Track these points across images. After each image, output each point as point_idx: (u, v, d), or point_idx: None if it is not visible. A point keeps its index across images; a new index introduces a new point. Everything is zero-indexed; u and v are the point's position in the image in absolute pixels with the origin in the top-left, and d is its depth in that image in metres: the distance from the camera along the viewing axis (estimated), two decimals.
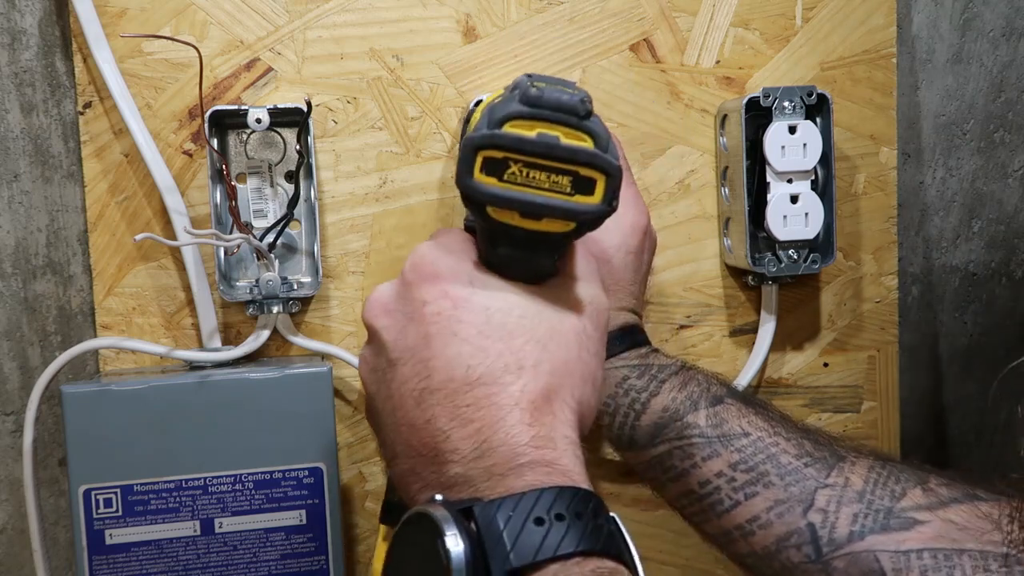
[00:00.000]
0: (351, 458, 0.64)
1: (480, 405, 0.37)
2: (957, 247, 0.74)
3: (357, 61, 0.62)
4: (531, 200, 0.37)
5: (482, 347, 0.38)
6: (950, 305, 0.74)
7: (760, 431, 0.51)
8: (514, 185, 0.37)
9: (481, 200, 0.38)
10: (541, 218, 0.38)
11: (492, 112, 0.37)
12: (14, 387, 0.62)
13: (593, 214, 0.38)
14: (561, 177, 0.37)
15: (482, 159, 0.37)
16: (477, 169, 0.37)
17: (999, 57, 0.72)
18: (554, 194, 0.37)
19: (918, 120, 0.72)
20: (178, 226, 0.59)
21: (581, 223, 0.38)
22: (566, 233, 0.39)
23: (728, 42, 0.65)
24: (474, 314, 0.39)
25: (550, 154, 0.37)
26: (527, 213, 0.38)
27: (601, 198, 0.38)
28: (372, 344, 0.43)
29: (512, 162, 0.37)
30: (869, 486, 0.49)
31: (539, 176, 0.37)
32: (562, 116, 0.37)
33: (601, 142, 0.37)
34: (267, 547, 0.56)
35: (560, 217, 0.38)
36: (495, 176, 0.37)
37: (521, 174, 0.37)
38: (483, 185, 0.37)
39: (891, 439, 0.69)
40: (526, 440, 0.37)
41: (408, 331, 0.40)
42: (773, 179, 0.61)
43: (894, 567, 0.46)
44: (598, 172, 0.37)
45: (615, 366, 0.55)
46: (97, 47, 0.58)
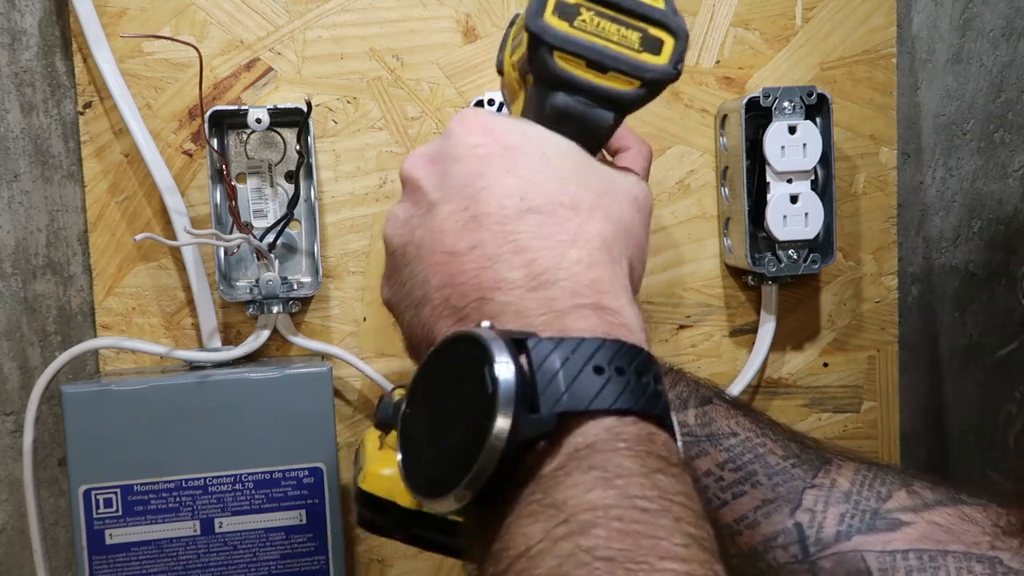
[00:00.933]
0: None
1: (535, 234, 0.34)
2: (957, 247, 0.74)
3: (357, 61, 0.62)
4: (600, 49, 0.36)
5: (537, 183, 0.35)
6: (950, 305, 0.74)
7: (748, 431, 0.51)
8: (584, 32, 0.36)
9: (551, 42, 0.36)
10: (607, 71, 0.37)
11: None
12: (14, 387, 0.62)
13: (658, 73, 0.37)
14: (630, 32, 0.36)
15: (555, 1, 0.36)
16: (549, 10, 0.36)
17: (999, 57, 0.72)
18: (623, 48, 0.36)
19: (918, 120, 0.72)
20: (178, 226, 0.59)
21: (646, 82, 0.37)
22: (628, 93, 0.37)
23: (728, 42, 0.65)
24: (529, 156, 0.36)
25: (622, 5, 0.36)
26: (594, 63, 0.36)
27: (668, 59, 0.37)
28: (408, 197, 0.39)
29: (584, 8, 0.36)
30: (855, 487, 0.49)
31: (609, 27, 0.36)
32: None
33: (671, 3, 0.37)
34: (267, 547, 0.56)
35: (626, 72, 0.37)
36: (566, 20, 0.36)
37: (591, 22, 0.36)
38: (554, 27, 0.36)
39: (891, 439, 0.69)
40: (586, 281, 0.34)
41: (454, 171, 0.37)
42: (773, 179, 0.61)
43: (880, 567, 0.46)
44: (667, 32, 0.37)
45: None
46: (97, 47, 0.58)
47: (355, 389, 0.64)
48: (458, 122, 0.38)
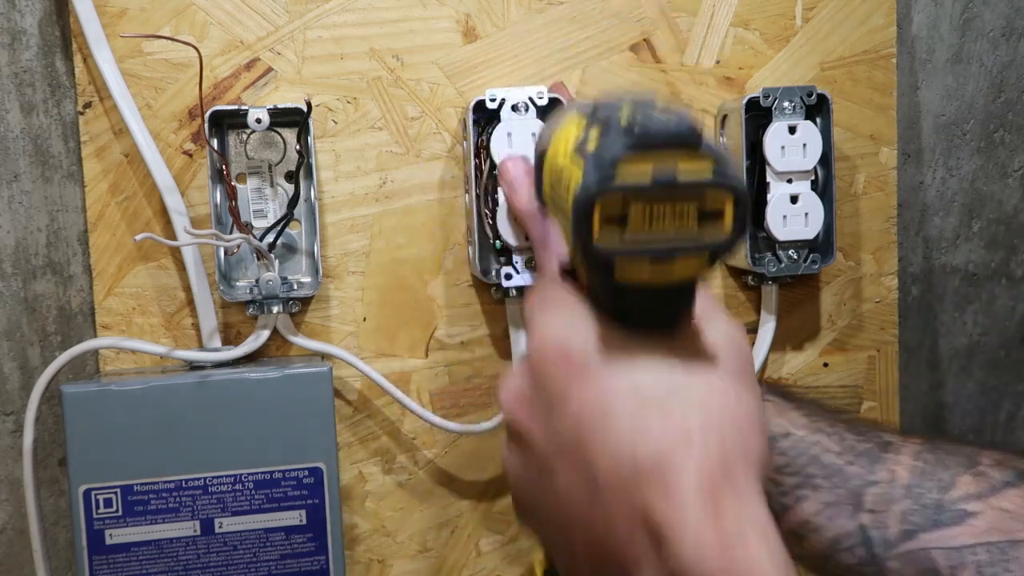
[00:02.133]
0: (351, 458, 0.64)
1: (655, 499, 0.33)
2: (957, 247, 0.74)
3: (357, 61, 0.62)
4: (659, 244, 0.34)
5: (641, 429, 0.34)
6: (950, 305, 0.74)
7: (801, 429, 0.49)
8: (639, 231, 0.34)
9: (609, 257, 0.34)
10: (674, 259, 0.34)
11: (598, 159, 0.34)
12: (14, 387, 0.62)
13: (725, 242, 0.34)
14: (687, 207, 0.34)
15: (599, 212, 0.33)
16: (597, 226, 0.33)
17: (999, 57, 0.72)
18: (682, 231, 0.34)
19: (918, 120, 0.72)
20: (178, 226, 0.59)
21: (714, 252, 0.35)
22: (700, 271, 0.36)
23: (728, 42, 0.65)
24: (622, 394, 0.35)
25: (669, 190, 0.33)
26: (658, 258, 0.34)
27: (732, 223, 0.34)
28: (517, 445, 0.39)
29: (632, 205, 0.33)
30: (916, 478, 0.47)
31: (663, 212, 0.34)
32: (676, 141, 0.33)
33: (721, 163, 0.34)
34: (267, 547, 0.56)
35: (693, 253, 0.34)
36: (617, 229, 0.34)
37: (643, 217, 0.34)
38: (606, 244, 0.34)
39: None
40: (712, 542, 0.32)
41: (555, 425, 0.36)
42: (773, 179, 0.61)
43: (949, 564, 0.44)
44: (725, 194, 0.34)
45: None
46: (97, 47, 0.58)
47: (355, 389, 0.64)
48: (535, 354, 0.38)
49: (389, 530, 0.65)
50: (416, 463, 0.65)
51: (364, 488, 0.64)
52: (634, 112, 0.34)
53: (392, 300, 0.63)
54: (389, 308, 0.63)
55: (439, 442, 0.65)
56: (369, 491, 0.64)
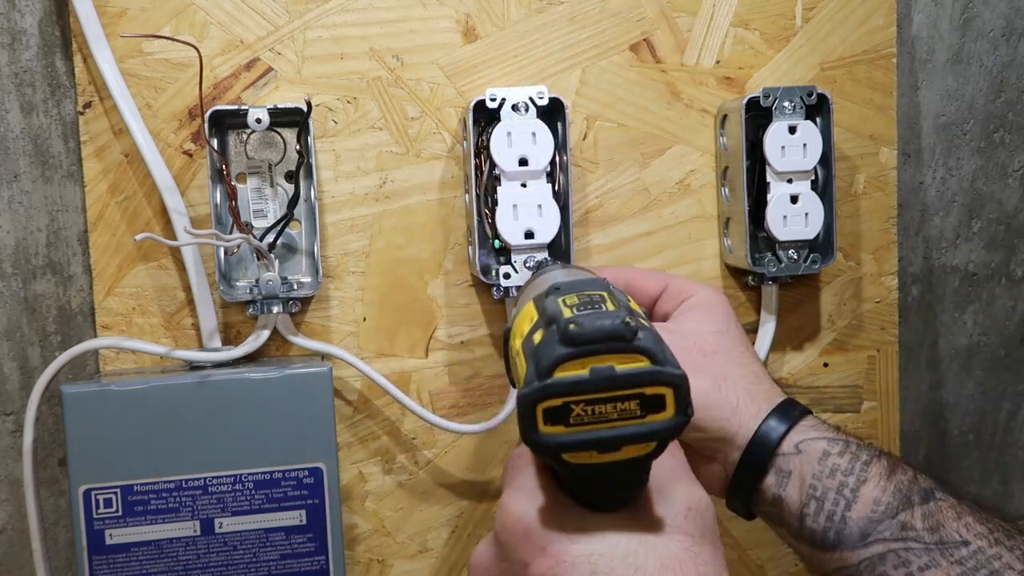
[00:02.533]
0: (351, 458, 0.64)
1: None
2: (957, 247, 0.74)
3: (357, 61, 0.62)
4: (605, 436, 0.36)
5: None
6: (950, 305, 0.74)
7: (980, 539, 0.46)
8: (583, 426, 0.36)
9: (554, 451, 0.36)
10: (620, 448, 0.36)
11: (537, 360, 0.36)
12: (14, 387, 0.62)
13: (670, 429, 0.36)
14: (628, 402, 0.36)
15: (542, 411, 0.36)
16: (540, 423, 0.36)
17: (999, 57, 0.72)
18: (626, 422, 0.36)
19: (918, 120, 0.72)
20: (178, 226, 0.59)
21: (661, 440, 0.37)
22: (648, 454, 0.37)
23: (728, 42, 0.65)
24: (578, 568, 0.37)
25: (610, 387, 0.35)
26: (604, 448, 0.36)
27: (674, 410, 0.36)
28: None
29: (574, 405, 0.35)
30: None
31: (605, 409, 0.36)
32: (609, 345, 0.35)
33: (656, 356, 0.36)
34: (267, 547, 0.56)
35: (638, 442, 0.36)
36: (561, 423, 0.36)
37: (587, 413, 0.36)
38: (551, 436, 0.36)
39: (891, 439, 0.69)
40: None
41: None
42: (773, 179, 0.61)
43: None
44: (663, 387, 0.36)
45: (809, 437, 0.50)
46: (97, 47, 0.58)
47: (355, 389, 0.64)
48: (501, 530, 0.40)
49: (389, 530, 0.65)
50: (416, 463, 0.65)
51: (364, 488, 0.64)
52: (575, 313, 0.37)
53: (392, 300, 0.63)
54: (389, 308, 0.63)
55: (439, 442, 0.65)
56: (369, 491, 0.64)
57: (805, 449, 0.49)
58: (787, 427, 0.49)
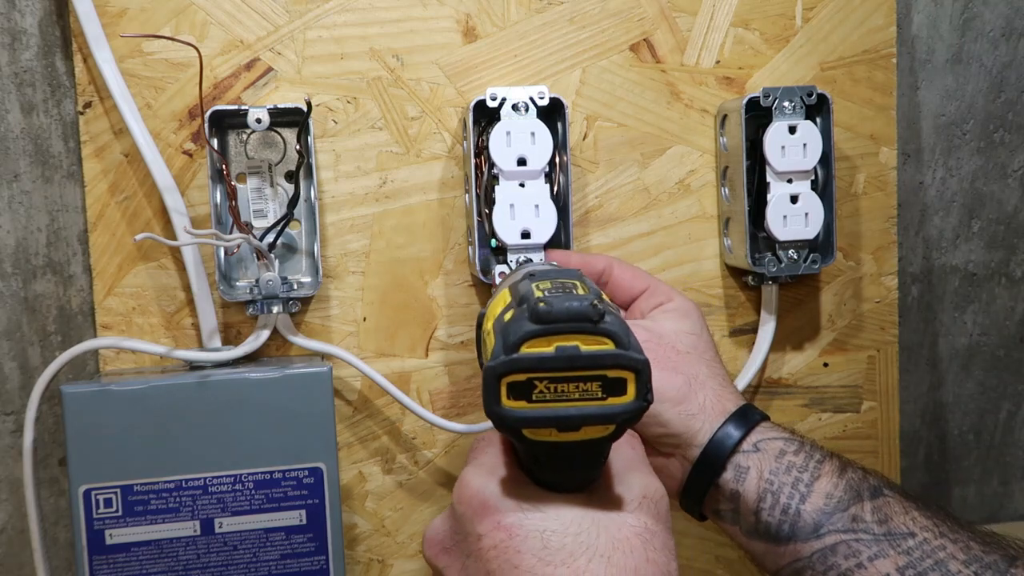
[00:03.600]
0: (351, 458, 0.64)
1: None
2: (957, 247, 0.74)
3: (357, 61, 0.62)
4: (565, 414, 0.37)
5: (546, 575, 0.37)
6: (950, 305, 0.74)
7: (925, 531, 0.48)
8: (544, 403, 0.37)
9: (514, 425, 0.37)
10: (579, 428, 0.37)
11: (505, 336, 0.37)
12: (14, 387, 0.62)
13: (630, 412, 0.37)
14: (590, 384, 0.37)
15: (506, 385, 0.37)
16: (504, 396, 0.37)
17: (999, 57, 0.72)
18: (587, 402, 0.37)
19: (918, 120, 0.72)
20: (178, 226, 0.59)
21: (620, 423, 0.38)
22: (607, 436, 0.38)
23: (728, 42, 0.65)
24: (531, 541, 0.38)
25: (573, 365, 0.36)
26: (564, 427, 0.37)
27: (635, 394, 0.37)
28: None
29: (537, 381, 0.37)
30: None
31: (568, 388, 0.37)
32: (576, 325, 0.37)
33: (621, 340, 0.37)
34: (267, 547, 0.56)
35: (598, 423, 0.37)
36: (524, 398, 0.37)
37: (549, 390, 0.37)
38: (513, 410, 0.37)
39: (890, 439, 0.69)
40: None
41: (470, 569, 0.39)
42: (773, 179, 0.61)
43: None
44: (626, 371, 0.37)
45: (767, 436, 0.52)
46: (97, 47, 0.58)
47: (355, 389, 0.64)
48: (457, 501, 0.41)
49: (389, 530, 0.65)
50: (416, 463, 0.65)
51: (364, 488, 0.64)
52: (550, 291, 0.38)
53: (392, 300, 0.63)
54: (389, 308, 0.63)
55: (439, 442, 0.65)
56: (369, 491, 0.64)
57: (763, 448, 0.51)
58: (747, 429, 0.52)
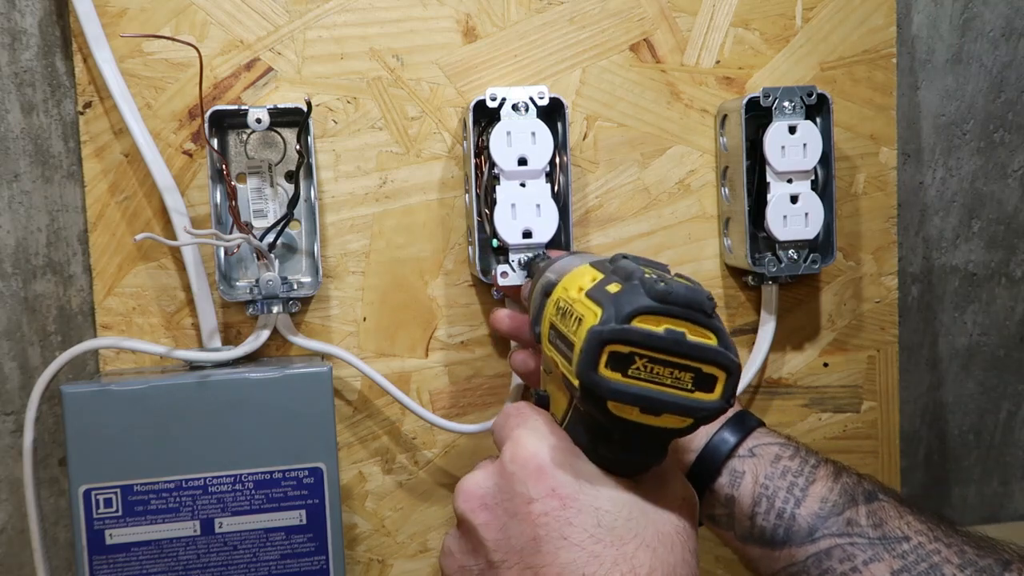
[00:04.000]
0: (351, 458, 0.64)
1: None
2: (957, 247, 0.74)
3: (357, 61, 0.62)
4: (654, 396, 0.37)
5: (596, 553, 0.37)
6: (950, 305, 0.74)
7: (920, 535, 0.48)
8: (638, 380, 0.37)
9: (605, 395, 0.37)
10: (661, 414, 0.37)
11: (618, 304, 0.37)
12: (14, 387, 0.62)
13: (712, 410, 0.37)
14: (684, 373, 0.37)
15: (608, 353, 0.36)
16: (602, 364, 0.36)
17: (999, 57, 0.72)
18: (676, 390, 0.37)
19: (918, 120, 0.72)
20: (178, 226, 0.59)
21: (699, 419, 0.38)
22: (681, 429, 0.38)
23: (728, 42, 0.65)
24: (584, 515, 0.38)
25: (677, 351, 0.36)
26: (648, 409, 0.37)
27: (720, 394, 0.37)
28: (465, 539, 0.42)
29: (638, 357, 0.36)
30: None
31: (663, 372, 0.37)
32: (691, 313, 0.37)
33: (724, 339, 0.37)
34: (267, 547, 0.56)
35: (679, 413, 0.37)
36: (619, 371, 0.36)
37: (645, 369, 0.37)
38: (607, 380, 0.36)
39: (890, 439, 0.69)
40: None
41: (511, 530, 0.39)
42: (773, 179, 0.61)
43: None
44: (720, 369, 0.37)
45: (763, 442, 0.52)
46: (97, 47, 0.58)
47: (355, 389, 0.64)
48: (510, 461, 0.40)
49: (389, 530, 0.65)
50: (416, 463, 0.65)
51: (364, 488, 0.64)
52: (658, 275, 0.38)
53: (392, 300, 0.63)
54: (389, 308, 0.63)
55: (439, 442, 0.65)
56: (369, 491, 0.64)
57: (759, 453, 0.51)
58: (743, 434, 0.52)
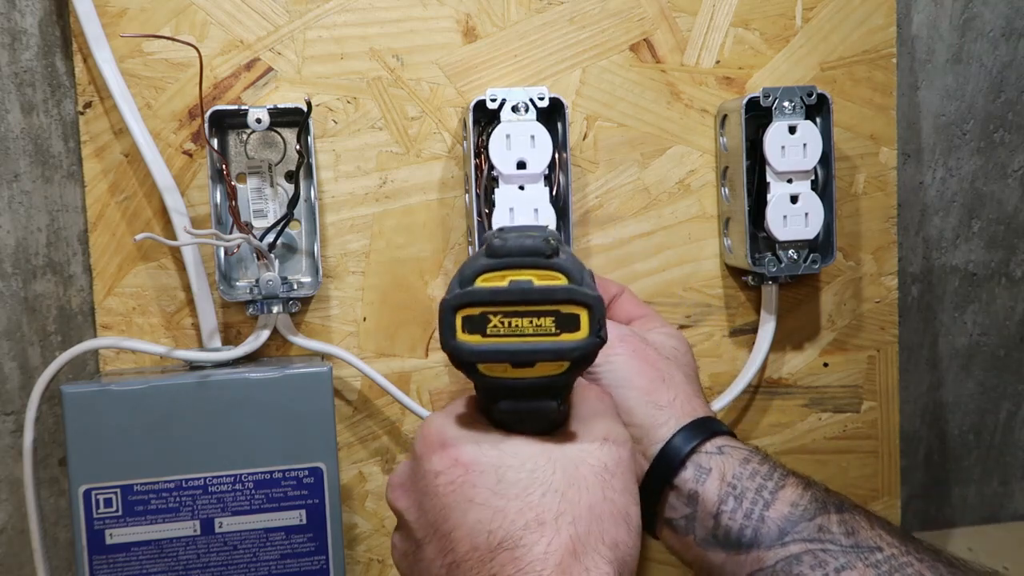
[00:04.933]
0: (351, 458, 0.64)
1: (506, 573, 0.37)
2: (957, 247, 0.74)
3: (357, 61, 0.62)
4: (518, 348, 0.37)
5: (499, 508, 0.38)
6: (950, 305, 0.74)
7: (892, 547, 0.47)
8: (498, 337, 0.37)
9: (469, 359, 0.38)
10: (534, 364, 0.38)
11: (462, 271, 0.38)
12: (14, 387, 0.62)
13: (584, 348, 0.38)
14: (544, 319, 0.37)
15: (461, 319, 0.37)
16: (459, 330, 0.37)
17: (999, 57, 0.72)
18: (540, 337, 0.37)
19: (918, 120, 0.72)
20: (178, 226, 0.59)
21: (574, 360, 0.38)
22: (562, 373, 0.39)
23: (728, 42, 0.65)
24: (486, 475, 0.39)
25: (526, 299, 0.37)
26: (518, 362, 0.38)
27: (588, 331, 0.38)
28: (399, 528, 0.43)
29: (491, 315, 0.37)
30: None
31: (522, 323, 0.37)
32: (529, 260, 0.37)
33: (574, 276, 0.37)
34: (267, 547, 0.56)
35: (552, 359, 0.38)
36: (478, 332, 0.37)
37: (503, 325, 0.37)
38: (467, 344, 0.37)
39: (890, 439, 0.69)
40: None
41: (425, 505, 0.40)
42: (773, 179, 0.61)
43: None
44: (579, 306, 0.37)
45: (732, 444, 0.51)
46: (97, 47, 0.58)
47: (355, 389, 0.64)
48: (418, 442, 0.42)
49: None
50: None
51: (364, 488, 0.64)
52: (500, 234, 0.39)
53: (392, 300, 0.63)
54: (389, 308, 0.63)
55: None
56: (369, 491, 0.64)
57: (727, 451, 0.50)
58: (711, 434, 0.51)
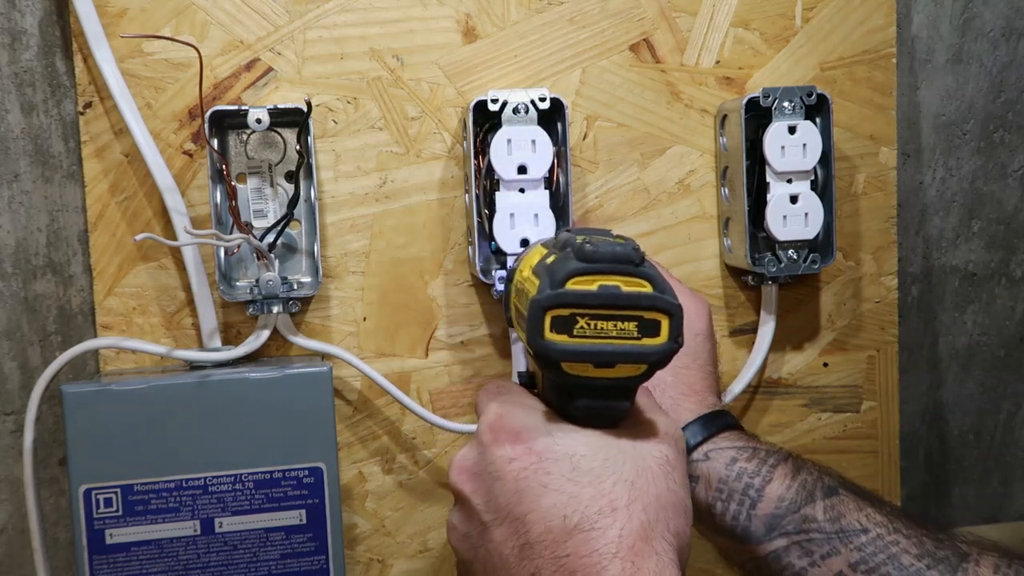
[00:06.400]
0: (351, 458, 0.64)
1: (580, 553, 0.38)
2: (957, 247, 0.74)
3: (357, 61, 0.62)
4: (603, 350, 0.39)
5: (574, 494, 0.39)
6: (950, 305, 0.74)
7: (879, 527, 0.49)
8: (584, 338, 0.39)
9: (555, 357, 0.39)
10: (614, 365, 0.40)
11: (552, 273, 0.39)
12: (14, 387, 0.63)
13: (662, 353, 0.40)
14: (627, 323, 0.39)
15: (551, 318, 0.39)
16: (547, 329, 0.39)
17: (999, 57, 0.72)
18: (623, 340, 0.39)
19: (918, 120, 0.72)
20: (178, 226, 0.59)
21: (652, 364, 0.40)
22: (639, 376, 0.40)
23: (728, 42, 0.65)
24: (560, 463, 0.40)
25: (614, 303, 0.39)
26: (600, 363, 0.39)
27: (667, 337, 0.39)
28: (461, 510, 0.44)
29: (579, 317, 0.39)
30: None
31: (606, 326, 0.39)
32: (619, 267, 0.39)
33: (659, 284, 0.39)
34: (267, 547, 0.56)
35: (632, 361, 0.40)
36: (565, 333, 0.39)
37: (589, 327, 0.39)
38: (555, 343, 0.39)
39: (890, 439, 0.69)
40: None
41: (496, 490, 0.41)
42: (773, 179, 0.61)
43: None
44: (661, 313, 0.39)
45: (720, 446, 0.53)
46: (97, 47, 0.58)
47: (355, 389, 0.64)
48: (487, 431, 0.42)
49: (389, 530, 0.65)
50: (416, 463, 0.65)
51: (364, 488, 0.64)
52: (588, 239, 0.40)
53: (392, 300, 0.63)
54: (389, 308, 0.63)
55: (439, 442, 0.65)
56: (369, 491, 0.64)
57: (714, 456, 0.52)
58: (702, 438, 0.53)
